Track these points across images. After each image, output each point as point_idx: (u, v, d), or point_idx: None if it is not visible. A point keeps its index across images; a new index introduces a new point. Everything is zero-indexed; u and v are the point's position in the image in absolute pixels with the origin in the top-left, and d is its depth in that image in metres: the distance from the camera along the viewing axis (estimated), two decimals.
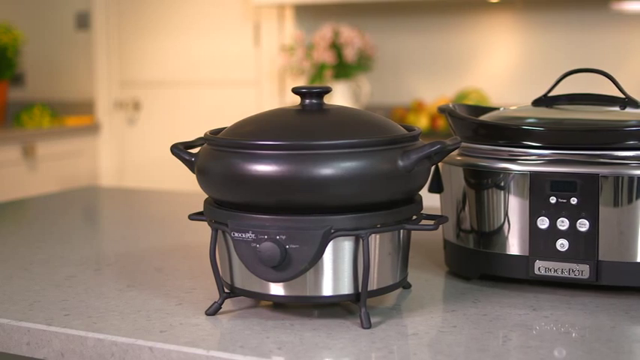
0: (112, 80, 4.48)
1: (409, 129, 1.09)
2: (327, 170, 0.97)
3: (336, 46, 3.58)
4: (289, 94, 4.00)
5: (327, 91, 1.08)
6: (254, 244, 0.98)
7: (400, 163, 0.99)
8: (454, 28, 3.77)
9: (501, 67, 3.72)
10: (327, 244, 0.98)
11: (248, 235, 0.99)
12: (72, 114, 4.52)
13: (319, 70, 3.61)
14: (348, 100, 3.67)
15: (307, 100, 1.08)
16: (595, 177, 1.09)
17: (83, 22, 4.56)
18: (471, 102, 3.42)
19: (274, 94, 4.00)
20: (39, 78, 4.71)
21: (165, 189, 2.28)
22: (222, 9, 4.16)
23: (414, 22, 3.84)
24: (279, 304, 1.09)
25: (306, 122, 1.05)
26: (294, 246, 0.97)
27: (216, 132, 1.10)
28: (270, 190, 0.98)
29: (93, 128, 4.47)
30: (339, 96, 3.65)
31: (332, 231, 0.98)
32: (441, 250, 1.37)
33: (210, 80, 4.20)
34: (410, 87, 3.85)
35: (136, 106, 4.42)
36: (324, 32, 3.60)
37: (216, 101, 4.15)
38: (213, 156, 1.03)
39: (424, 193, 1.15)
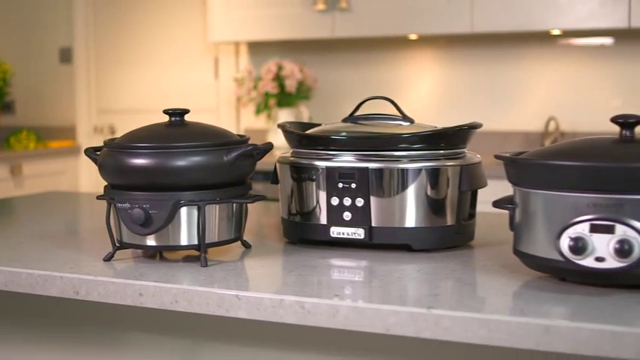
0: (91, 108, 5.04)
1: (241, 136, 1.62)
2: (178, 163, 1.50)
3: (279, 78, 4.13)
4: (244, 119, 4.54)
5: (186, 112, 1.61)
6: (129, 210, 1.51)
7: (225, 158, 1.52)
8: (384, 62, 4.32)
9: (425, 96, 4.26)
10: (176, 211, 1.50)
11: (126, 204, 1.52)
12: (55, 138, 5.06)
13: (265, 99, 4.15)
14: None
15: (173, 118, 1.61)
16: (366, 169, 1.61)
17: (66, 56, 5.11)
18: None
19: (232, 120, 4.55)
20: (26, 106, 5.24)
21: None
22: (186, 45, 4.72)
23: (349, 57, 4.39)
24: (162, 257, 1.61)
25: (169, 132, 1.58)
26: (154, 211, 1.50)
27: (112, 139, 1.63)
28: (141, 175, 1.51)
29: (74, 151, 5.01)
30: (283, 120, 4.18)
31: (180, 202, 1.50)
32: None
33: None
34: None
35: (112, 130, 4.96)
36: (269, 66, 4.14)
37: None
38: (108, 155, 1.56)
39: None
